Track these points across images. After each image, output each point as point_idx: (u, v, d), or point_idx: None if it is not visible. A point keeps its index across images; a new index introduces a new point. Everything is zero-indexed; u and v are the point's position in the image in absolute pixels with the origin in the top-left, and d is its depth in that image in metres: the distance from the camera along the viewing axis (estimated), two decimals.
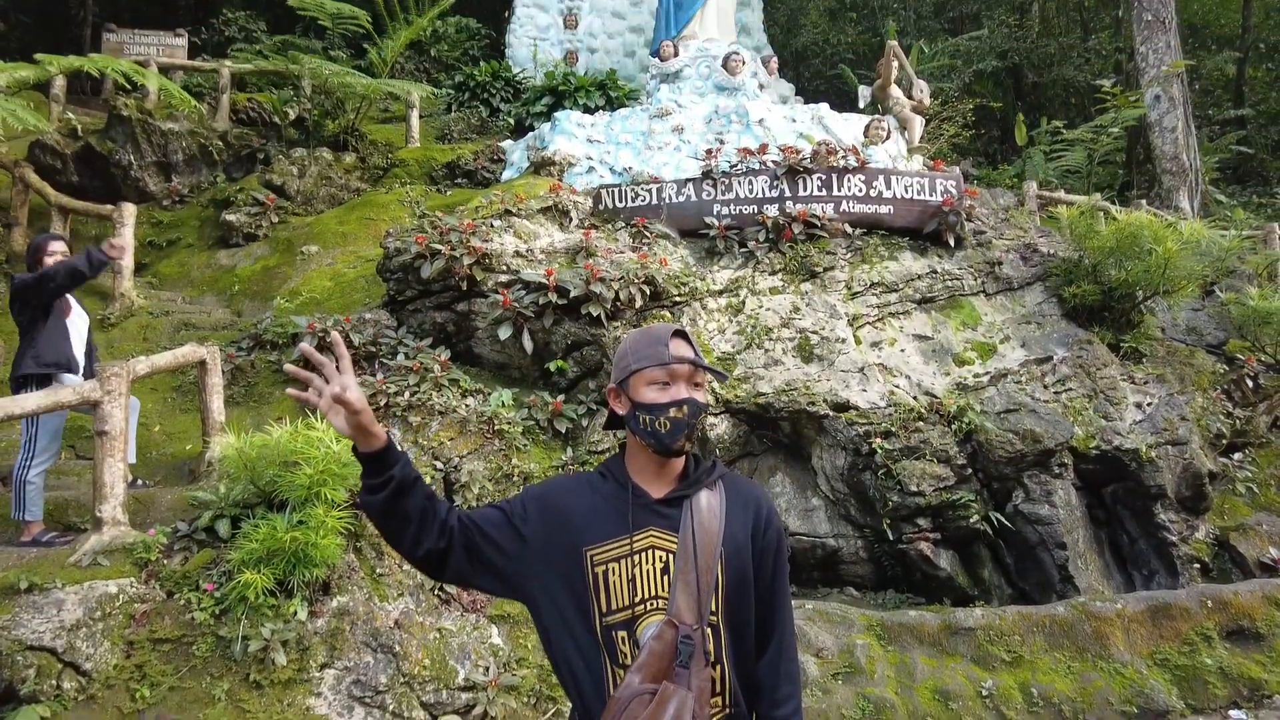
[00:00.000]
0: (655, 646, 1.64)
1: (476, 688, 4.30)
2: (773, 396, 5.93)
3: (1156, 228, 6.89)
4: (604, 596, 1.70)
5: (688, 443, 1.74)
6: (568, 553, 1.73)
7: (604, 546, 1.72)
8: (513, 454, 5.53)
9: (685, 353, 1.76)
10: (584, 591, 1.72)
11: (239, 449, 4.46)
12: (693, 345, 1.79)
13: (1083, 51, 17.60)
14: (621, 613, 1.69)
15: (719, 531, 1.74)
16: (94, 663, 3.83)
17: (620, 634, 1.69)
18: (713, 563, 1.70)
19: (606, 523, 1.74)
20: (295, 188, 9.66)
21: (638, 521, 1.73)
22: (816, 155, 7.29)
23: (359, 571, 4.53)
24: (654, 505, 1.76)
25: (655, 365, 1.75)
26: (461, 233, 6.38)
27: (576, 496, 1.80)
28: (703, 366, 1.76)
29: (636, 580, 1.69)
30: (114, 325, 7.44)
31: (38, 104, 10.25)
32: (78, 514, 4.81)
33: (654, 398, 1.74)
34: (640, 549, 1.71)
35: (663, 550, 1.72)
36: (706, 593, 1.68)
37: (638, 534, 1.72)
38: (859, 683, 4.66)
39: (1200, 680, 4.83)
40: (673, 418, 1.72)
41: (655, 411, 1.73)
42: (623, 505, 1.75)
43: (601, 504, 1.77)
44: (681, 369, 1.75)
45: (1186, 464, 6.00)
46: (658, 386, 1.74)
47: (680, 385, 1.74)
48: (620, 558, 1.71)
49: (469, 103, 12.05)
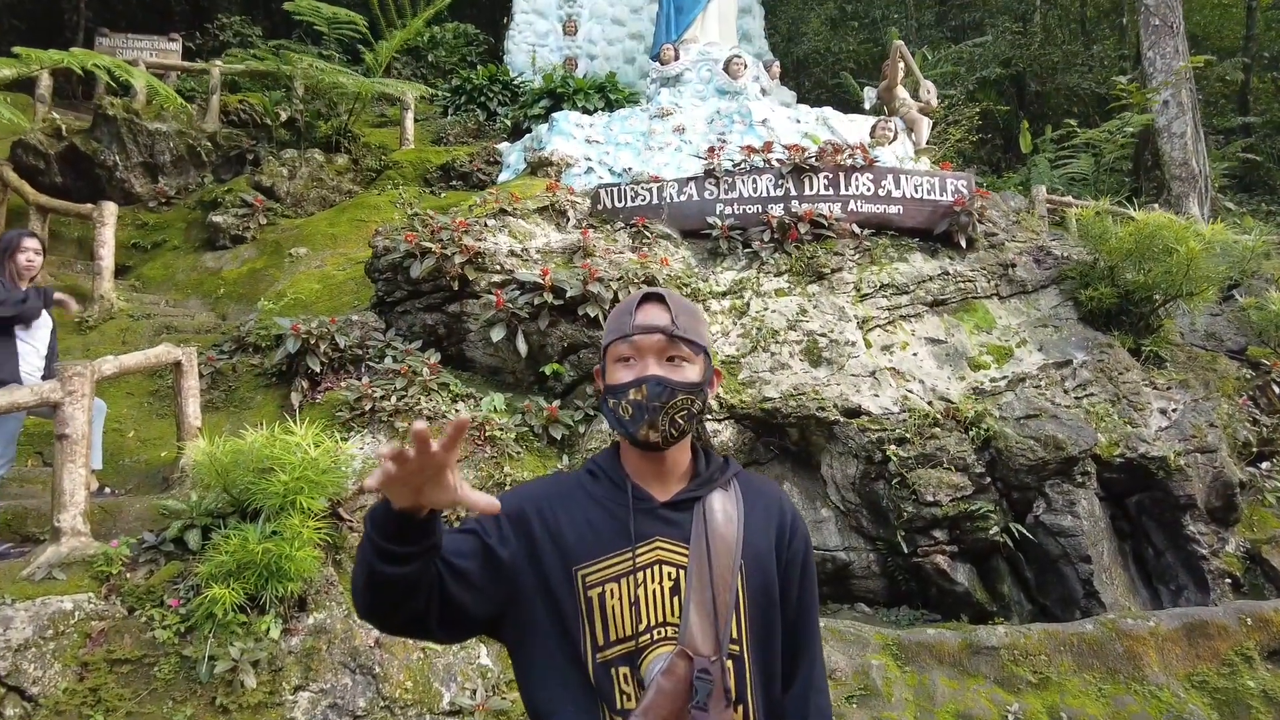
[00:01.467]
0: (665, 684, 1.31)
1: (463, 712, 3.97)
2: (780, 401, 5.63)
3: (1177, 228, 6.62)
4: (600, 626, 1.38)
5: (653, 432, 1.39)
6: (554, 575, 1.40)
7: (599, 564, 1.39)
8: (505, 461, 5.22)
9: (654, 320, 1.42)
10: (574, 622, 1.38)
11: (210, 454, 4.16)
12: (670, 309, 1.43)
13: (1086, 59, 17.44)
14: (622, 645, 1.36)
15: (737, 540, 1.42)
16: (41, 687, 3.51)
17: (621, 671, 1.36)
18: (731, 578, 1.38)
19: (601, 534, 1.41)
20: (285, 189, 9.40)
21: (641, 531, 1.40)
22: (823, 153, 7.03)
23: (337, 586, 4.21)
24: (659, 510, 1.43)
25: (618, 338, 1.44)
26: (453, 231, 6.10)
27: (563, 503, 1.46)
28: (676, 336, 1.41)
29: (641, 603, 1.37)
30: (92, 328, 7.15)
31: (24, 107, 10.00)
32: (37, 525, 4.49)
33: (618, 377, 1.43)
34: (644, 564, 1.39)
35: (671, 565, 1.39)
36: (725, 615, 1.36)
37: (641, 546, 1.39)
38: (875, 706, 4.33)
39: (1242, 704, 4.50)
40: (632, 400, 1.39)
41: (617, 394, 1.42)
42: (621, 511, 1.42)
43: (594, 511, 1.44)
44: (648, 341, 1.41)
45: (1216, 472, 5.70)
46: (623, 364, 1.43)
47: (648, 360, 1.41)
48: (620, 576, 1.38)
49: (466, 106, 11.83)
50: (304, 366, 5.76)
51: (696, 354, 1.44)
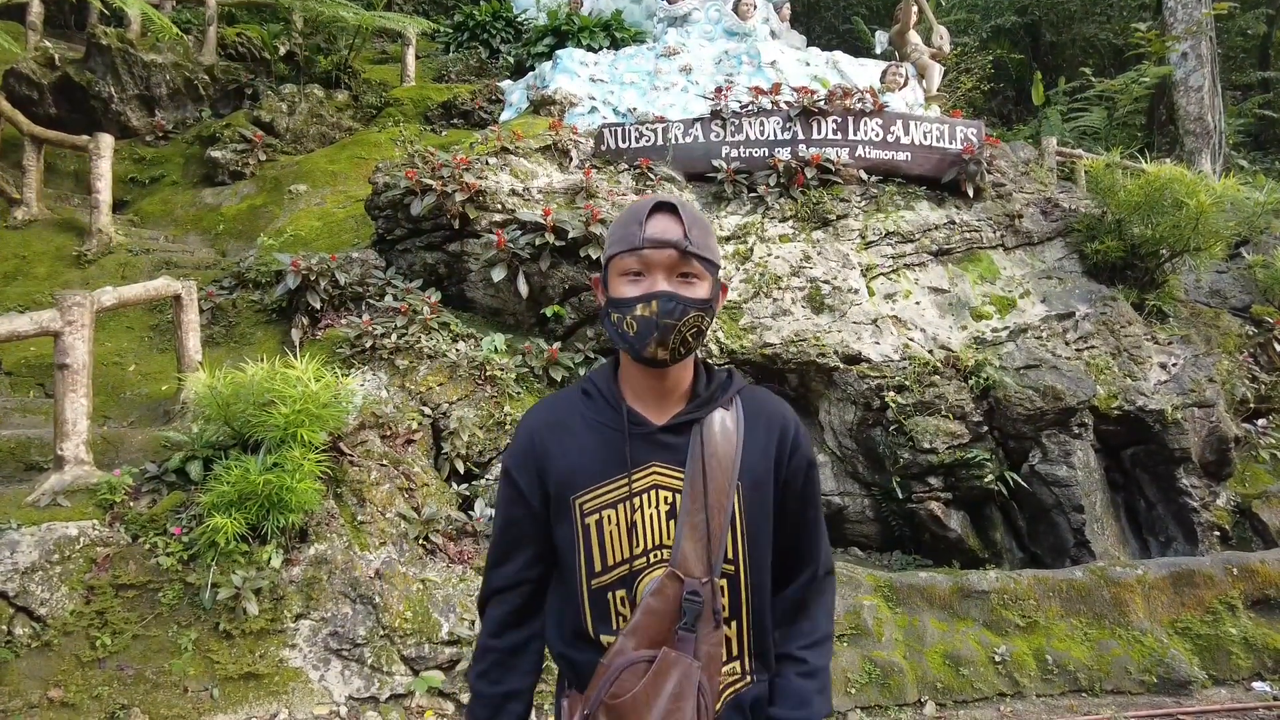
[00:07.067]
0: (653, 604, 1.33)
1: (461, 642, 4.06)
2: (780, 347, 5.63)
3: (1188, 182, 6.53)
4: (596, 551, 1.39)
5: (661, 350, 1.34)
6: (556, 504, 1.43)
7: (596, 491, 1.40)
8: (505, 401, 5.24)
9: (667, 233, 1.35)
10: (571, 547, 1.41)
11: (211, 387, 4.16)
12: (683, 222, 1.36)
13: (1105, 8, 16.98)
14: (618, 569, 1.38)
15: (735, 461, 1.40)
16: (50, 608, 3.58)
17: (618, 594, 1.39)
18: (726, 501, 1.38)
19: (596, 461, 1.41)
20: (284, 125, 9.23)
21: (637, 457, 1.39)
22: (832, 97, 6.88)
23: (339, 519, 4.26)
24: (656, 435, 1.41)
25: (626, 250, 1.36)
26: (454, 168, 6.01)
27: (561, 431, 1.45)
28: (691, 253, 1.35)
29: (638, 528, 1.38)
30: (91, 262, 7.09)
31: (16, 35, 9.75)
32: (41, 454, 4.52)
33: (623, 291, 1.37)
34: (641, 490, 1.38)
35: (668, 490, 1.39)
36: (719, 538, 1.36)
37: (637, 472, 1.39)
38: (866, 645, 4.43)
39: (1223, 650, 4.60)
40: (639, 316, 1.34)
41: (621, 308, 1.36)
42: (616, 437, 1.41)
43: (590, 438, 1.43)
44: (659, 256, 1.34)
45: (1213, 427, 5.73)
46: (629, 278, 1.37)
47: (656, 276, 1.35)
48: (617, 502, 1.39)
49: (468, 44, 11.53)
50: (304, 303, 5.74)
51: (708, 270, 1.39)
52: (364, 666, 3.93)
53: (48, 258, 7.10)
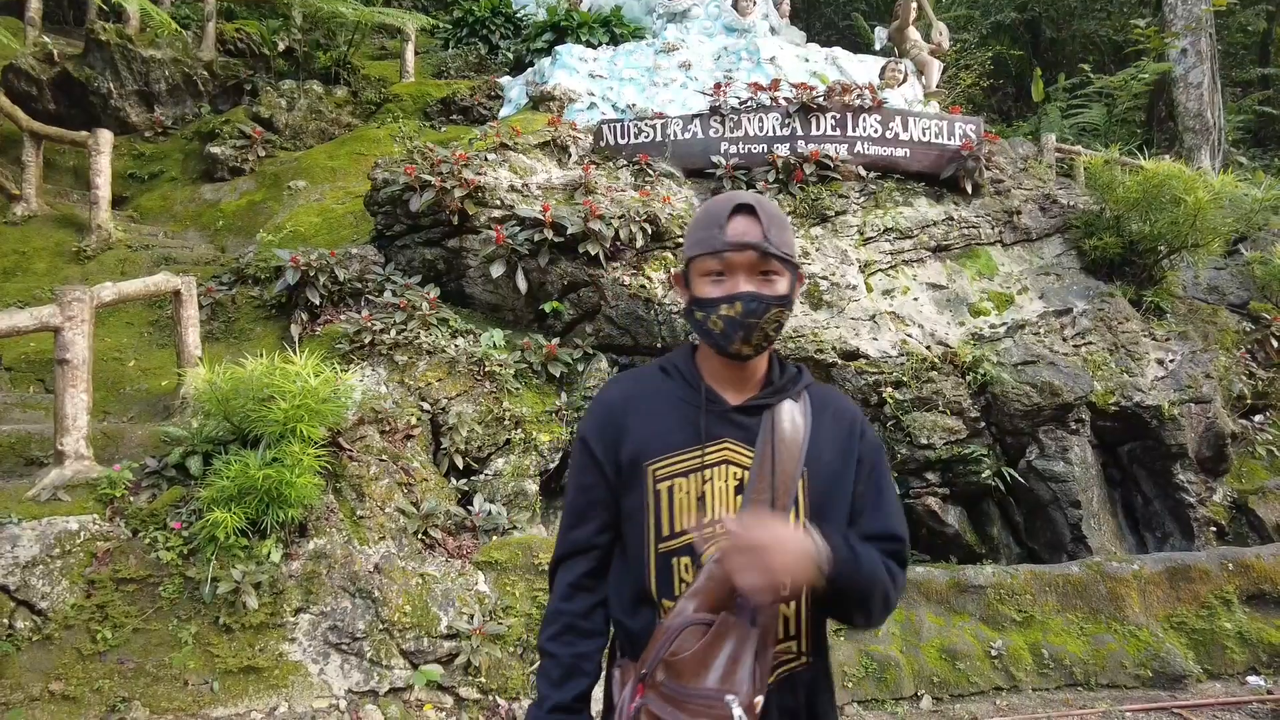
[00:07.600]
0: (716, 571, 1.37)
1: (460, 636, 4.08)
2: (778, 343, 5.63)
3: (1186, 178, 6.54)
4: (665, 517, 1.47)
5: (746, 346, 1.42)
6: (628, 470, 1.50)
7: (669, 460, 1.47)
8: (504, 397, 5.26)
9: (747, 235, 1.40)
10: (640, 513, 1.48)
11: (211, 382, 4.18)
12: (762, 222, 1.41)
13: (1105, 4, 16.97)
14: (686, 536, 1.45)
15: (802, 447, 1.46)
16: (50, 602, 3.60)
17: (683, 561, 1.45)
18: (792, 484, 1.43)
19: (672, 432, 1.48)
20: (284, 121, 9.24)
21: (711, 431, 1.46)
22: (831, 93, 6.89)
23: (338, 513, 4.28)
24: (730, 414, 1.48)
25: (707, 253, 1.43)
26: (453, 164, 6.02)
27: (644, 403, 1.54)
28: (771, 254, 1.40)
29: (707, 498, 1.45)
30: (90, 258, 7.10)
31: (14, 31, 9.75)
32: (41, 449, 4.53)
33: (706, 291, 1.44)
34: (712, 463, 1.46)
35: (738, 466, 1.46)
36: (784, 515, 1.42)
37: (710, 445, 1.46)
38: (862, 639, 4.46)
39: (1218, 645, 4.62)
40: (724, 316, 1.41)
41: (706, 308, 1.44)
42: (693, 411, 1.48)
43: (666, 409, 1.51)
44: (740, 257, 1.41)
45: (1210, 423, 5.75)
46: (711, 278, 1.44)
47: (738, 277, 1.41)
48: (688, 472, 1.46)
49: (467, 39, 11.53)
50: (303, 299, 5.75)
51: (786, 266, 1.45)
52: (363, 660, 3.95)
53: (47, 253, 7.11)
